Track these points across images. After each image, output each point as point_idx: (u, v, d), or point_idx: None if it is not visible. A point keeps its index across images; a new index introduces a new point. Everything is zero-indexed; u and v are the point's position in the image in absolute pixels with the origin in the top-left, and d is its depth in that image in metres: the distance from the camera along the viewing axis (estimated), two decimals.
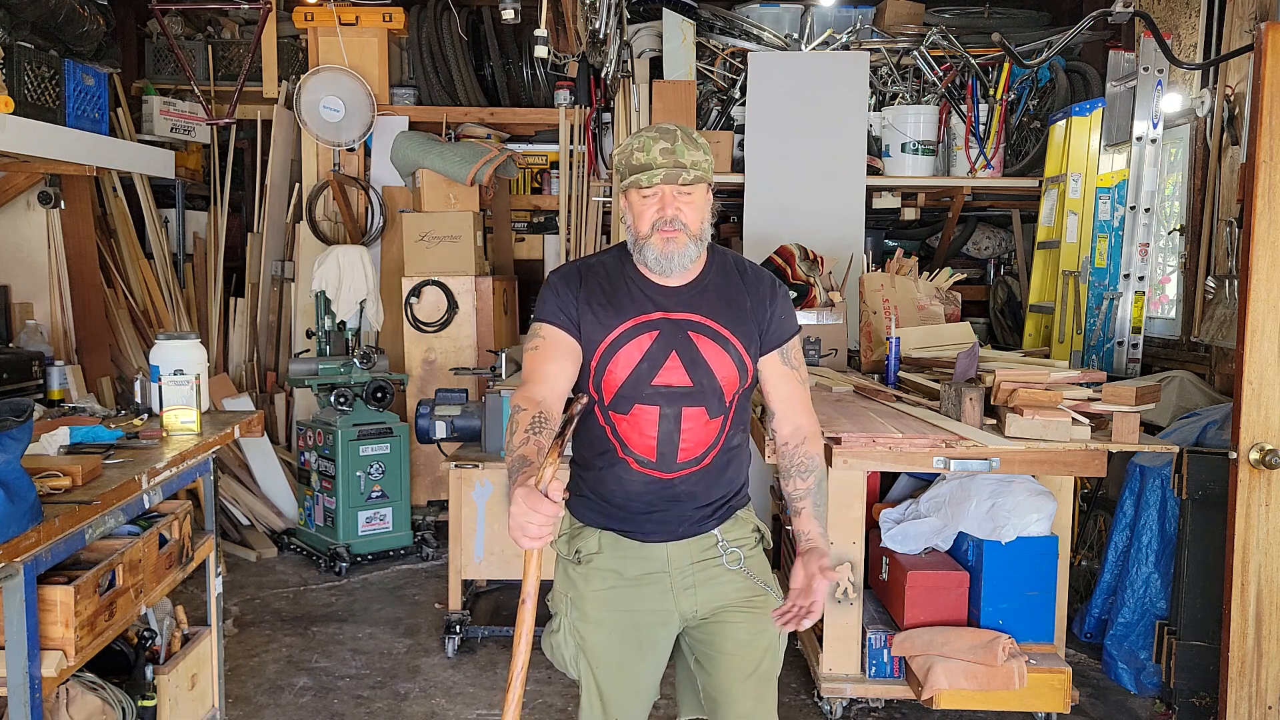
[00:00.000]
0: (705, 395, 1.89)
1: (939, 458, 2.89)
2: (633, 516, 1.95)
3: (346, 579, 4.52)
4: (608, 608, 1.96)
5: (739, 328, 1.93)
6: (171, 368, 2.73)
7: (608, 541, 1.97)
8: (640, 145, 1.85)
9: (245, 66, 5.57)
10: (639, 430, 1.90)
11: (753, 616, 1.97)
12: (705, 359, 1.89)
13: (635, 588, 1.96)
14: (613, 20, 4.60)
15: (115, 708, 2.28)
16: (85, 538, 2.09)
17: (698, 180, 1.85)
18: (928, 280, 4.30)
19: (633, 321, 1.90)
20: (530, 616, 1.65)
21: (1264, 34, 2.52)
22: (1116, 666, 3.44)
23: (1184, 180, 4.38)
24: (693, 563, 1.96)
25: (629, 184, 1.86)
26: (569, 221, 5.72)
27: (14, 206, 4.48)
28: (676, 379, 1.88)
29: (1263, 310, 2.57)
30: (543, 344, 1.91)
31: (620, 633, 1.96)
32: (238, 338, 5.82)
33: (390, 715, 3.24)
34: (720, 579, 1.97)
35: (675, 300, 1.92)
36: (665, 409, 1.89)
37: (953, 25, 5.66)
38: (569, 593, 2.00)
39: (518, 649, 1.65)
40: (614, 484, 1.94)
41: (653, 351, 1.88)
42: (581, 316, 1.91)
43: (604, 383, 1.90)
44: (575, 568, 1.99)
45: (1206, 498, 3.06)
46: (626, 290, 1.93)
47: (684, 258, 1.87)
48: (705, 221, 1.90)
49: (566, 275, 1.96)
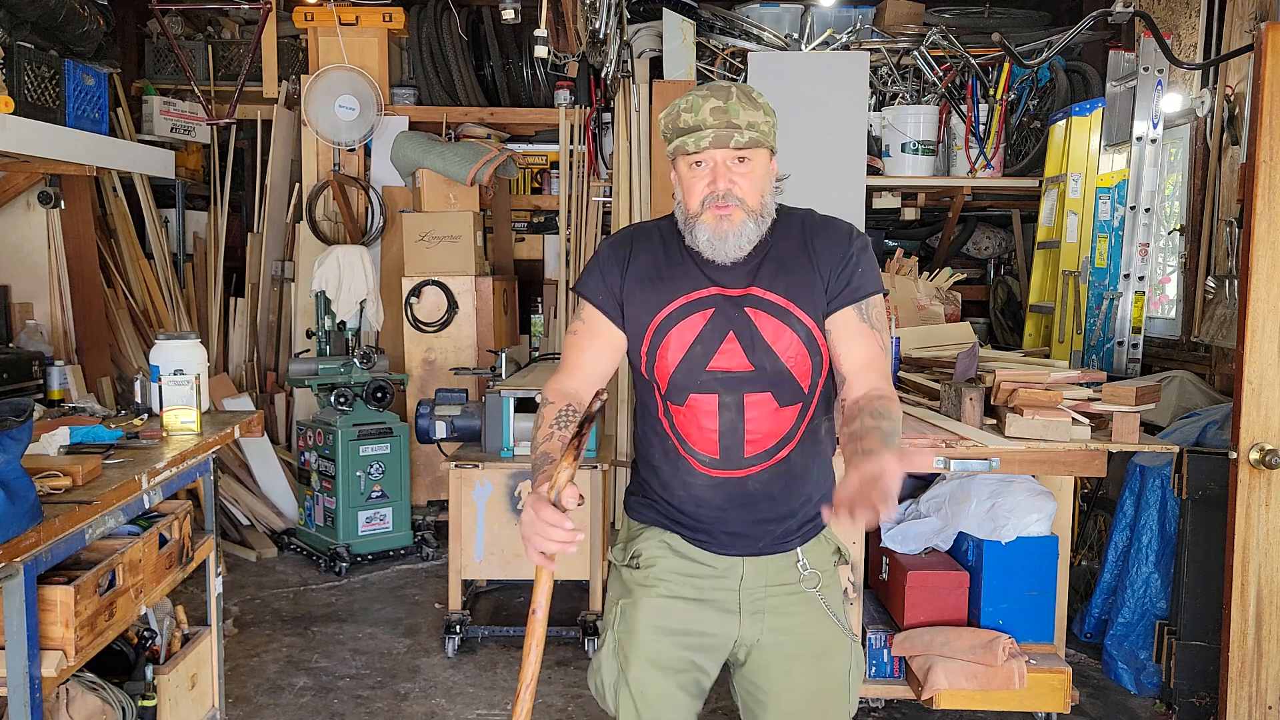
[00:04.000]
0: (770, 380, 1.65)
1: (939, 458, 2.89)
2: (704, 524, 1.72)
3: (346, 579, 4.52)
4: (661, 620, 1.72)
5: (804, 296, 1.66)
6: (171, 368, 2.73)
7: (673, 545, 1.74)
8: (689, 105, 1.61)
9: (245, 66, 5.57)
10: (698, 424, 1.67)
11: (815, 657, 1.73)
12: (765, 338, 1.65)
13: (697, 606, 1.72)
14: (613, 20, 4.60)
15: (115, 708, 2.28)
16: (85, 538, 2.09)
17: (754, 144, 1.60)
18: (928, 280, 4.31)
19: (684, 299, 1.67)
20: (540, 628, 1.55)
21: (1264, 34, 2.52)
22: (1116, 666, 3.44)
23: (1184, 180, 4.38)
24: (766, 585, 1.72)
25: (675, 148, 1.62)
26: (569, 221, 5.72)
27: (14, 206, 4.48)
28: (735, 362, 1.65)
29: (1263, 310, 2.57)
30: (581, 329, 1.75)
31: (667, 665, 1.71)
32: (238, 338, 5.81)
33: (390, 715, 3.24)
34: (791, 610, 1.72)
35: (734, 273, 1.67)
36: (725, 397, 1.66)
37: (953, 25, 5.66)
38: (621, 599, 1.77)
39: (527, 660, 1.55)
40: (679, 489, 1.72)
41: (706, 333, 1.65)
42: (628, 295, 1.71)
43: (657, 370, 1.69)
44: (632, 573, 1.77)
45: (1206, 498, 3.06)
46: (679, 263, 1.70)
47: (740, 238, 1.63)
48: (767, 194, 1.66)
49: (616, 245, 1.76)
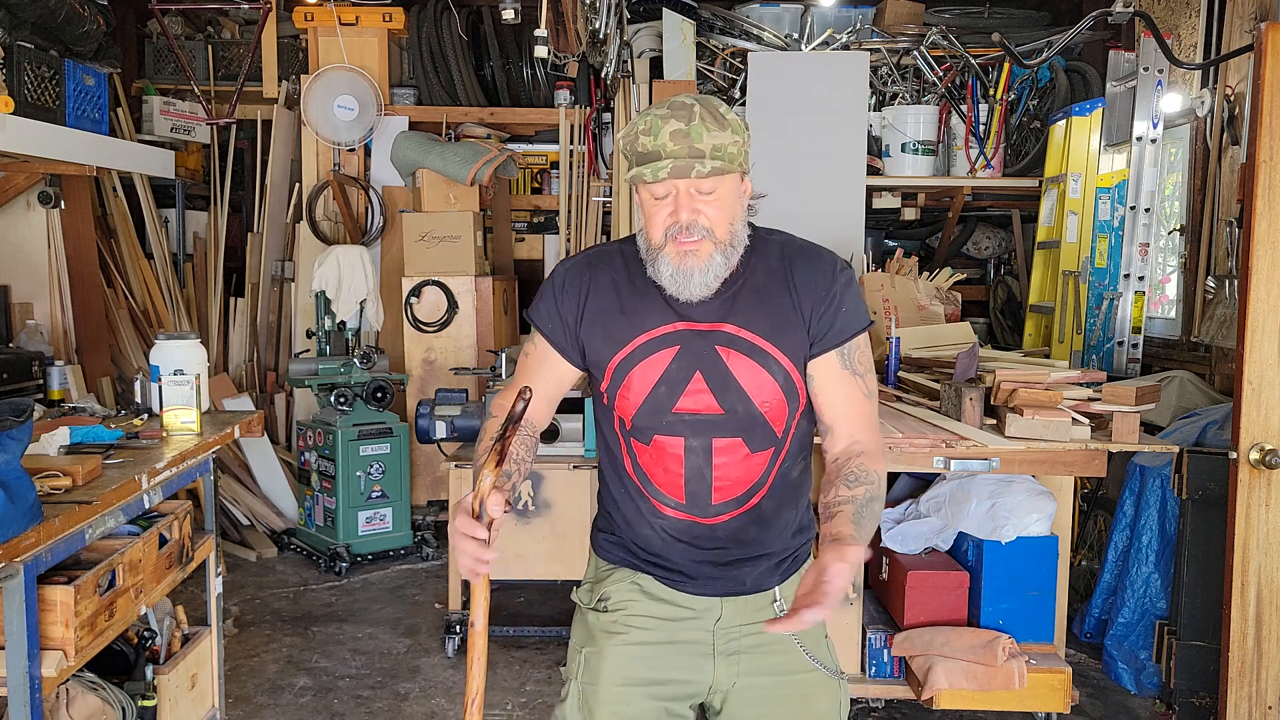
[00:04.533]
0: (741, 425, 1.54)
1: (939, 458, 2.89)
2: (675, 565, 1.61)
3: (346, 579, 4.52)
4: (628, 670, 1.61)
5: (783, 335, 1.54)
6: (171, 368, 2.73)
7: (645, 590, 1.62)
8: (646, 127, 1.45)
9: (245, 66, 5.57)
10: (663, 466, 1.56)
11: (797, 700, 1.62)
12: (737, 380, 1.52)
13: (669, 651, 1.61)
14: (613, 20, 4.60)
15: (115, 708, 2.28)
16: (85, 538, 2.09)
17: (720, 171, 1.44)
18: (928, 280, 4.30)
19: (648, 335, 1.54)
20: (481, 641, 1.43)
21: (1264, 34, 2.52)
22: (1116, 666, 3.44)
23: (1184, 180, 4.38)
24: (741, 624, 1.62)
25: (633, 177, 1.47)
26: (569, 221, 5.72)
27: (14, 206, 4.48)
28: (703, 405, 1.53)
29: (1263, 310, 2.57)
30: (532, 353, 1.65)
31: (639, 709, 1.60)
32: (238, 338, 5.81)
33: (390, 715, 3.24)
34: (770, 648, 1.61)
35: (702, 307, 1.53)
36: (691, 441, 1.54)
37: (953, 25, 5.66)
38: (585, 647, 1.65)
39: (471, 675, 1.44)
40: (645, 527, 1.61)
41: (671, 372, 1.53)
42: (586, 329, 1.58)
43: (618, 407, 1.58)
44: (598, 616, 1.65)
45: (1206, 498, 3.06)
46: (642, 293, 1.56)
47: (707, 274, 1.49)
48: (737, 221, 1.51)
49: (573, 271, 1.61)
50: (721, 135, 1.44)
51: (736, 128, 1.47)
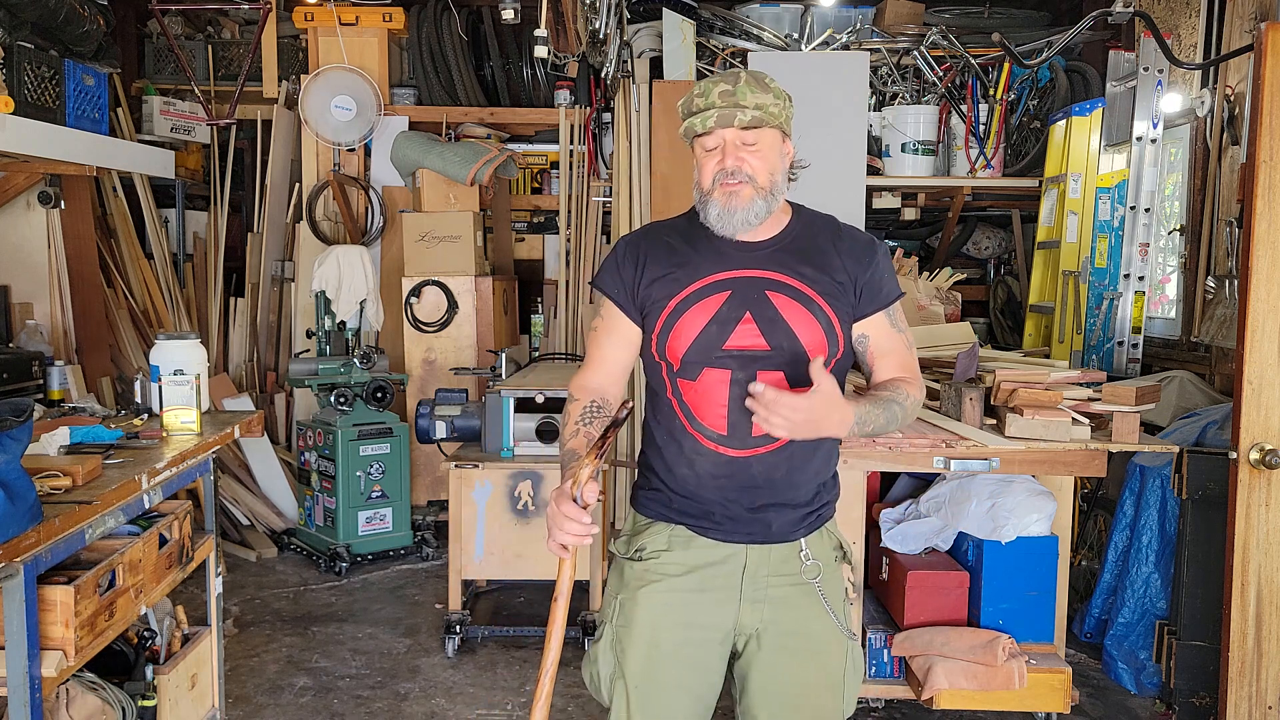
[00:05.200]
0: (785, 360, 1.70)
1: (939, 458, 2.89)
2: (707, 508, 1.75)
3: (346, 579, 4.52)
4: (660, 618, 1.75)
5: (828, 289, 1.74)
6: (171, 368, 2.73)
7: (678, 539, 1.77)
8: (700, 90, 1.70)
9: (245, 66, 5.57)
10: (709, 398, 1.71)
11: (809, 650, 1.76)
12: (785, 320, 1.70)
13: (699, 595, 1.75)
14: (613, 20, 4.60)
15: (115, 708, 2.28)
16: (85, 538, 2.09)
17: (759, 122, 1.67)
18: (928, 280, 4.30)
19: (703, 281, 1.73)
20: (563, 614, 1.61)
21: (1264, 34, 2.52)
22: (1116, 666, 3.44)
23: (1184, 180, 4.38)
24: (769, 574, 1.75)
25: (685, 129, 1.71)
26: (569, 221, 5.72)
27: (14, 206, 4.48)
28: (751, 341, 1.70)
29: (1263, 310, 2.57)
30: (600, 324, 1.82)
31: (668, 652, 1.75)
32: (238, 338, 5.82)
33: (390, 715, 3.24)
34: (792, 601, 1.76)
35: (754, 257, 1.74)
36: (738, 373, 1.69)
37: (953, 25, 5.66)
38: (619, 593, 1.81)
39: (549, 646, 1.61)
40: (684, 467, 1.75)
41: (723, 313, 1.70)
42: (645, 284, 1.76)
43: (668, 348, 1.74)
44: (633, 565, 1.80)
45: (1206, 498, 3.06)
46: (698, 248, 1.77)
47: (748, 213, 1.70)
48: (777, 173, 1.72)
49: (631, 242, 1.83)
50: (764, 96, 1.67)
51: (778, 94, 1.70)
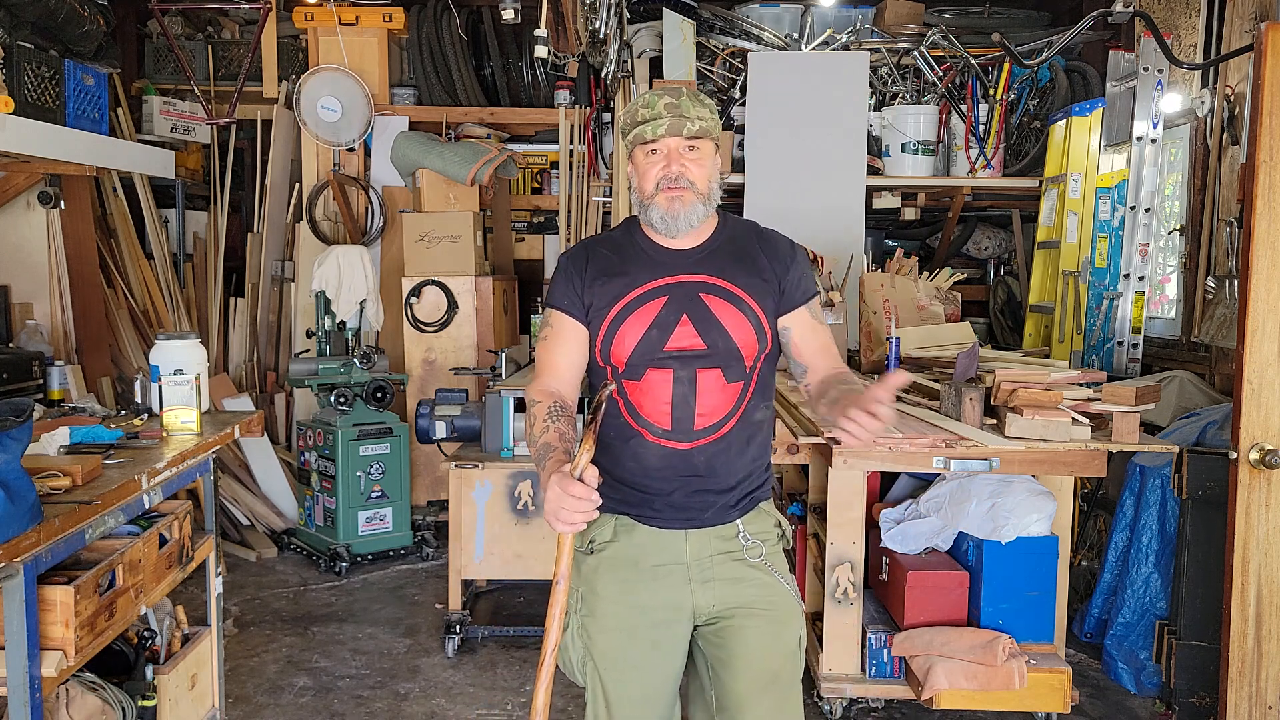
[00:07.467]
0: (721, 357, 1.83)
1: (939, 458, 2.89)
2: (650, 498, 1.87)
3: (346, 579, 4.52)
4: (619, 602, 1.87)
5: (755, 289, 1.88)
6: (171, 368, 2.73)
7: (622, 528, 1.89)
8: (645, 102, 1.83)
9: (245, 66, 5.57)
10: (653, 396, 1.84)
11: (771, 618, 1.87)
12: (719, 319, 1.84)
13: (650, 579, 1.87)
14: (613, 20, 4.60)
15: (115, 708, 2.28)
16: (85, 538, 2.09)
17: (703, 134, 1.82)
18: (928, 280, 4.30)
19: (642, 289, 1.86)
20: (563, 597, 1.68)
21: (1264, 34, 2.52)
22: (1116, 666, 3.44)
23: (1184, 180, 4.38)
24: (712, 555, 1.87)
25: (633, 138, 1.83)
26: (569, 221, 5.72)
27: (14, 206, 4.48)
28: (689, 342, 1.83)
29: (1263, 310, 2.57)
30: (551, 333, 1.91)
31: (631, 631, 1.87)
32: (238, 338, 5.82)
33: (390, 715, 3.24)
34: (740, 576, 1.88)
35: (685, 262, 1.88)
36: (679, 372, 1.83)
37: (953, 25, 5.66)
38: (579, 587, 1.92)
39: (550, 627, 1.68)
40: (629, 460, 1.87)
41: (662, 317, 1.83)
42: (589, 295, 1.88)
43: (613, 353, 1.85)
44: (587, 559, 1.92)
45: (1206, 498, 3.06)
46: (634, 258, 1.89)
47: (691, 216, 1.83)
48: (713, 181, 1.87)
49: (574, 255, 1.94)
50: (703, 110, 1.83)
51: (712, 109, 1.86)
